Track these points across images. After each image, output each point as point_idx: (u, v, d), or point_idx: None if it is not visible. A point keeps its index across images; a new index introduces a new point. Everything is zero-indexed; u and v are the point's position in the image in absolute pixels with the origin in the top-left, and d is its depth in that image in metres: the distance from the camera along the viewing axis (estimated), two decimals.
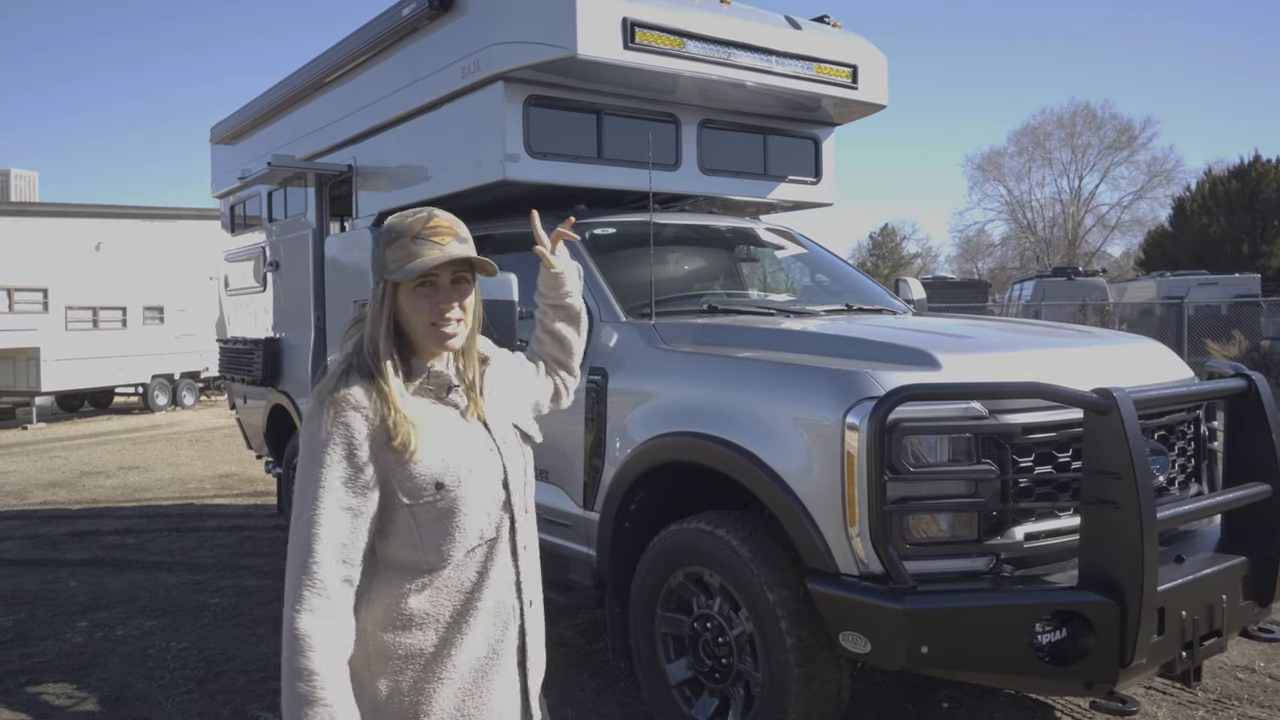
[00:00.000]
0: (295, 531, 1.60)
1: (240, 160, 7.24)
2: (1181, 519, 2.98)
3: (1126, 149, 43.49)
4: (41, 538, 7.52)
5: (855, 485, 2.79)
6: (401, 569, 1.66)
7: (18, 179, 21.71)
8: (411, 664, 1.65)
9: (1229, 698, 3.89)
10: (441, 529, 1.66)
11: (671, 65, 4.26)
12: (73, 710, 4.09)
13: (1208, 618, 2.90)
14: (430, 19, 4.65)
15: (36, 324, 16.46)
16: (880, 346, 3.28)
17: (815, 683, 3.00)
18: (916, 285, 5.06)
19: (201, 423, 16.57)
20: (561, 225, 2.27)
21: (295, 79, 6.29)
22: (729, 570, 3.13)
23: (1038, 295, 22.93)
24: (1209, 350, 16.51)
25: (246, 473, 10.50)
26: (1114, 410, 2.65)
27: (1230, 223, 30.32)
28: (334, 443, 1.59)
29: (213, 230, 9.72)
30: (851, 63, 4.83)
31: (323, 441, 1.59)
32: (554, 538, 3.97)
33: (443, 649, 1.66)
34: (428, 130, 4.92)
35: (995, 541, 2.86)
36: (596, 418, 3.75)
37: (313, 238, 6.15)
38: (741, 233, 5.25)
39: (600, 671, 4.30)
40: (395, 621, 1.65)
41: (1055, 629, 2.71)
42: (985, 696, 3.92)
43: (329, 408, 1.61)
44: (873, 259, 53.27)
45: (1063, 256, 42.08)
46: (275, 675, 4.37)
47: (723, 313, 4.19)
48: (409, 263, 1.67)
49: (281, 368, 6.74)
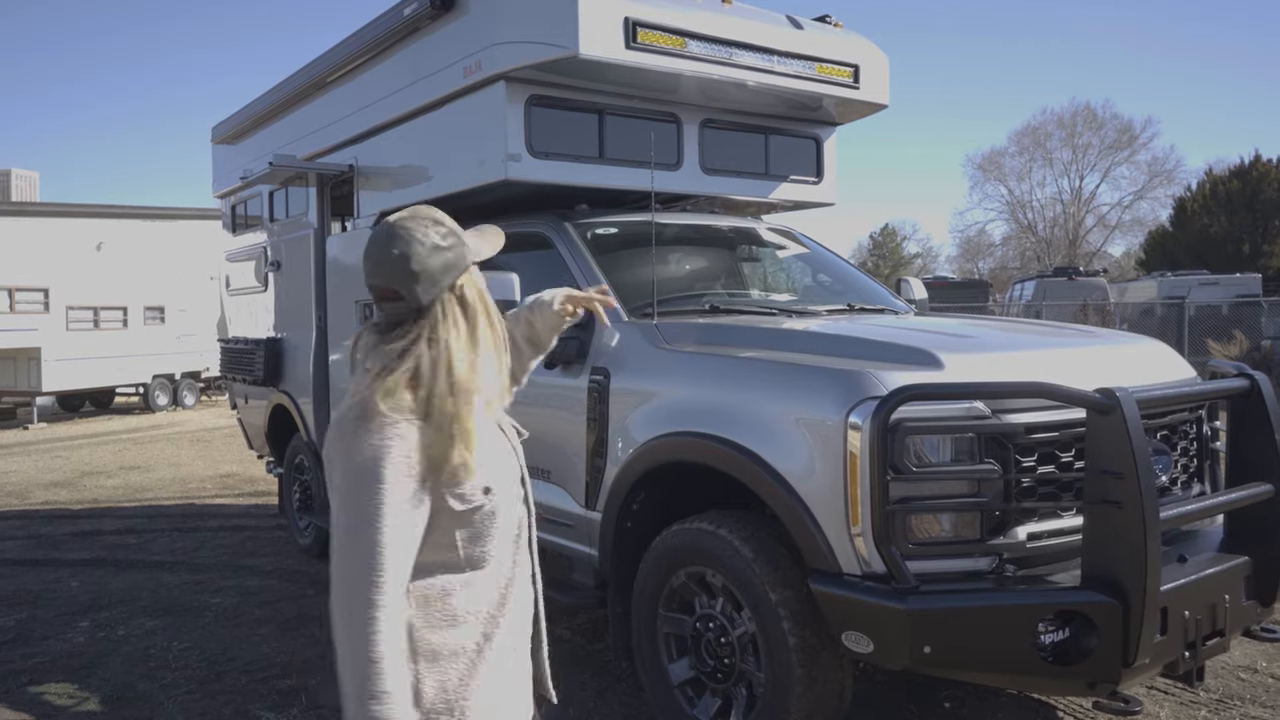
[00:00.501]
0: (355, 552, 1.52)
1: (242, 160, 7.24)
2: (1184, 519, 2.97)
3: (1127, 149, 43.54)
4: (43, 538, 7.53)
5: (858, 485, 2.78)
6: (441, 569, 1.66)
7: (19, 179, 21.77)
8: (457, 661, 1.65)
9: (1231, 698, 3.89)
10: (485, 530, 1.67)
11: (673, 65, 4.26)
12: (74, 710, 4.09)
13: (1210, 618, 2.90)
14: (432, 19, 4.64)
15: (37, 324, 16.47)
16: (883, 346, 3.27)
17: (818, 683, 3.00)
18: (918, 285, 5.05)
19: (202, 423, 16.58)
20: (595, 291, 2.38)
21: (296, 79, 6.29)
22: (731, 570, 3.13)
23: (1038, 295, 22.92)
24: (1210, 350, 16.50)
25: (247, 473, 10.50)
26: (1117, 410, 2.64)
27: (1231, 223, 30.32)
28: (391, 458, 1.54)
29: (214, 230, 9.72)
30: (853, 62, 4.83)
31: (378, 457, 1.53)
32: (556, 538, 3.97)
33: (484, 643, 1.68)
34: (429, 130, 4.92)
35: (998, 541, 2.86)
36: (598, 417, 3.75)
37: (314, 238, 6.16)
38: (743, 232, 5.25)
39: (602, 671, 4.29)
40: (441, 621, 1.65)
41: (1058, 629, 2.71)
42: (988, 696, 3.92)
43: (382, 422, 1.55)
44: (873, 259, 53.27)
45: (1063, 256, 42.08)
46: (277, 675, 4.38)
47: (725, 312, 4.19)
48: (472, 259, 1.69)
49: (283, 368, 6.75)
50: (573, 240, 4.27)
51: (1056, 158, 44.83)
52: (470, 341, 1.65)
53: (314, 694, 4.14)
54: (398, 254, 1.62)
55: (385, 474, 1.53)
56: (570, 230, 4.34)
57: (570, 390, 3.89)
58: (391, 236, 1.64)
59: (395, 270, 1.62)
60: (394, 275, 1.62)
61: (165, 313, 18.60)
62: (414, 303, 1.62)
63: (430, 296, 1.63)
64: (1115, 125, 43.60)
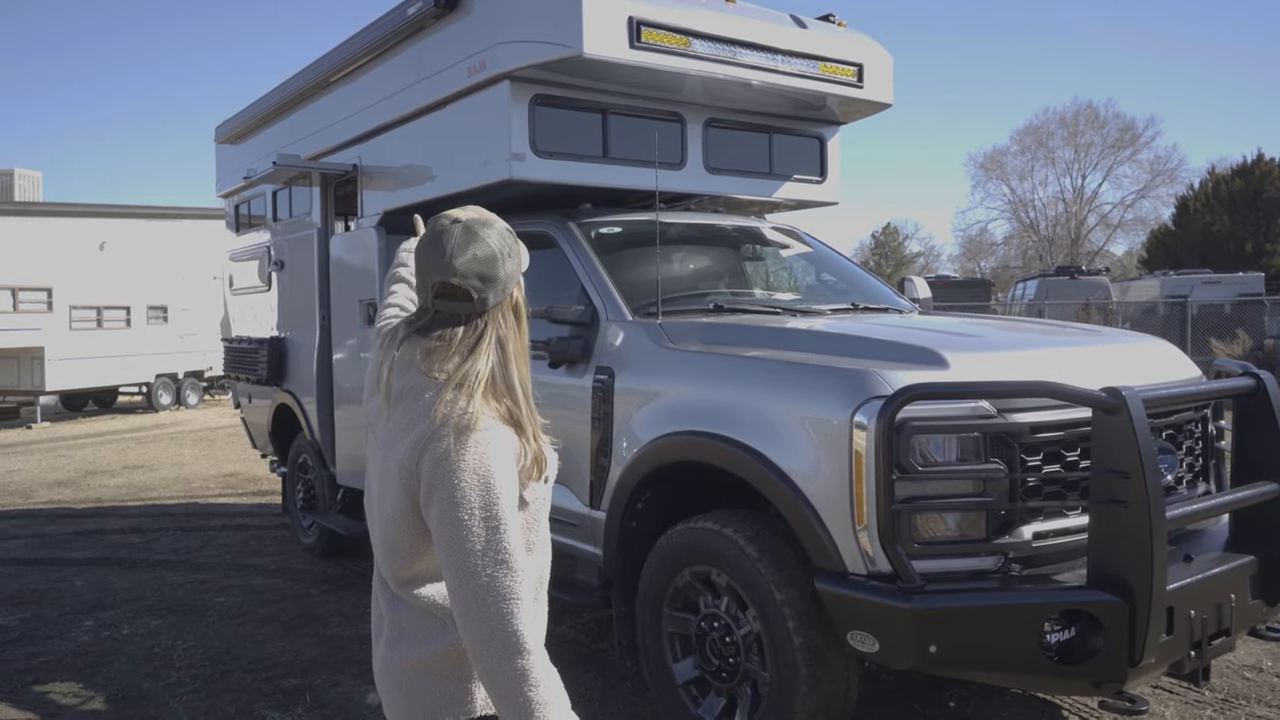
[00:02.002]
0: (492, 559, 1.50)
1: (245, 160, 7.25)
2: (1190, 518, 2.97)
3: (1129, 148, 43.46)
4: (47, 537, 7.54)
5: (863, 484, 2.78)
6: None
7: (22, 179, 21.77)
8: None
9: (1236, 697, 3.89)
10: (538, 517, 1.71)
11: (677, 64, 4.25)
12: (79, 709, 4.09)
13: (1216, 617, 2.90)
14: (436, 18, 4.64)
15: (41, 323, 16.49)
16: (887, 345, 3.27)
17: (823, 682, 3.00)
18: (922, 284, 5.05)
19: (205, 422, 16.60)
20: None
21: (300, 78, 6.29)
22: (736, 570, 3.13)
23: (1041, 294, 22.91)
24: (1213, 349, 16.49)
25: (251, 472, 10.51)
26: (1123, 409, 2.64)
27: (1234, 222, 30.28)
28: (504, 463, 1.56)
29: (217, 230, 9.73)
30: (857, 61, 4.83)
31: (491, 463, 1.54)
32: (560, 537, 3.95)
33: None
34: (433, 130, 4.92)
35: (1003, 541, 2.86)
36: (603, 417, 3.75)
37: (318, 237, 6.16)
38: (747, 232, 5.24)
39: (606, 671, 4.30)
40: None
41: (1064, 628, 2.71)
42: (993, 696, 3.92)
43: (485, 427, 1.55)
44: (875, 258, 53.23)
45: (1066, 255, 42.03)
46: (282, 674, 4.39)
47: (729, 312, 4.19)
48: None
49: (286, 367, 6.75)
50: (577, 240, 4.27)
51: (1059, 157, 44.82)
52: (521, 346, 1.69)
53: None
54: (484, 256, 1.62)
55: (499, 479, 1.54)
56: (574, 230, 4.33)
57: (575, 390, 3.89)
58: (474, 238, 1.63)
59: (480, 272, 1.62)
60: (475, 275, 1.62)
61: (168, 312, 18.61)
62: (481, 307, 1.63)
63: (497, 301, 1.65)
64: (1117, 124, 43.59)
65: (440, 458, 1.53)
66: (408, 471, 1.56)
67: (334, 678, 4.34)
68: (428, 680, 1.64)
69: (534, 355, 3.93)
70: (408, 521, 1.60)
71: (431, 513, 1.54)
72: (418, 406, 1.59)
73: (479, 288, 1.62)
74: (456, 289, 1.62)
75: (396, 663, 1.67)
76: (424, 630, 1.64)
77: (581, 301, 4.03)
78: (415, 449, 1.56)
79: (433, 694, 1.64)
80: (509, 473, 1.56)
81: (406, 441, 1.58)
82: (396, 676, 1.68)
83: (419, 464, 1.55)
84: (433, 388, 1.59)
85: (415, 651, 1.65)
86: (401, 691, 1.67)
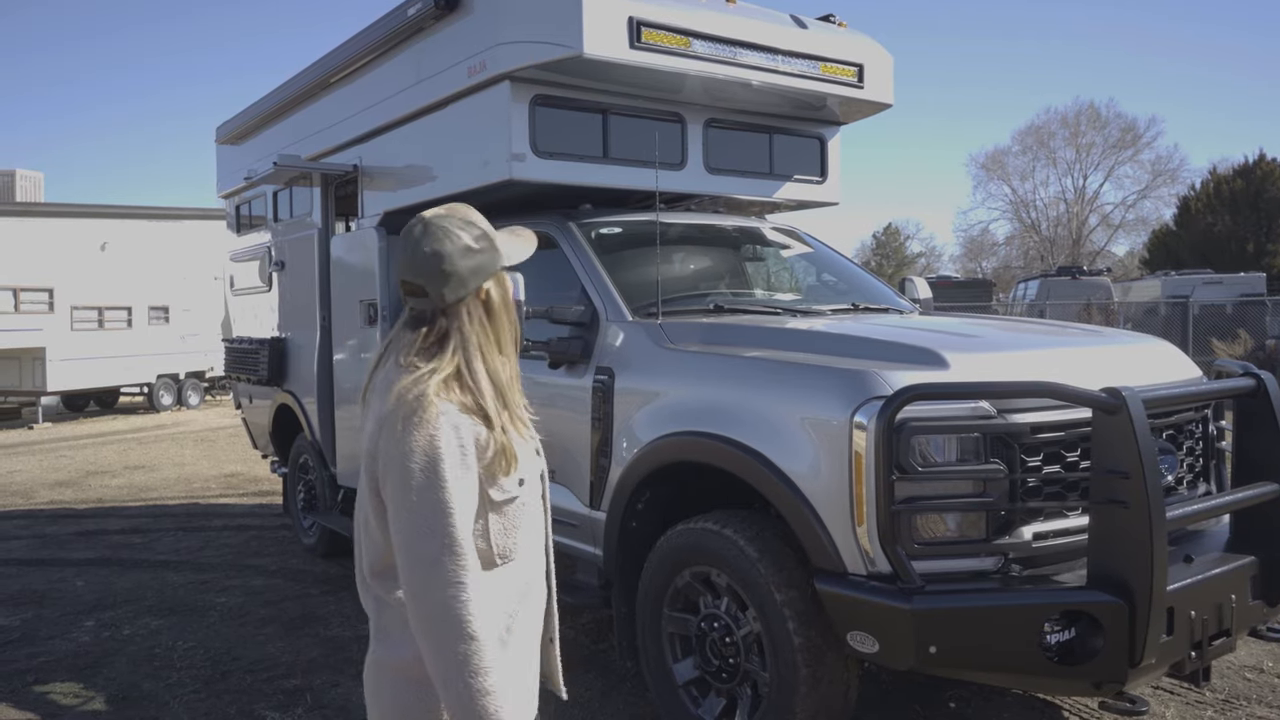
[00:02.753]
0: (431, 541, 1.51)
1: (246, 160, 7.25)
2: (1190, 519, 2.97)
3: (1131, 148, 43.42)
4: (48, 537, 7.54)
5: (863, 485, 2.78)
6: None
7: (23, 179, 21.79)
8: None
9: (1237, 698, 3.88)
10: (516, 522, 1.70)
11: (678, 64, 4.25)
12: (80, 709, 4.10)
13: (1217, 617, 2.90)
14: (436, 19, 4.65)
15: (42, 324, 16.50)
16: (888, 346, 3.27)
17: (823, 683, 3.00)
18: (922, 284, 5.04)
19: (206, 422, 16.61)
20: None
21: (301, 79, 6.30)
22: (736, 570, 3.12)
23: (1042, 294, 22.88)
24: (1214, 349, 16.48)
25: (251, 472, 10.52)
26: (1123, 409, 2.64)
27: (1235, 222, 30.22)
28: (450, 446, 1.56)
29: (218, 230, 9.73)
30: (857, 61, 4.83)
31: (438, 445, 1.54)
32: (560, 537, 3.96)
33: (506, 635, 1.69)
34: (433, 130, 4.92)
35: (1003, 541, 2.86)
36: (603, 417, 3.75)
37: (318, 237, 6.16)
38: (747, 232, 5.24)
39: (606, 671, 4.30)
40: None
41: (1064, 629, 2.71)
42: (993, 696, 3.92)
43: (437, 411, 1.56)
44: (877, 258, 53.20)
45: (1067, 256, 42.00)
46: (282, 674, 4.39)
47: (729, 312, 4.19)
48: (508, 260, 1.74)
49: (287, 367, 6.75)
50: (577, 240, 4.27)
51: (1060, 157, 44.79)
52: (493, 342, 1.70)
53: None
54: (430, 252, 1.65)
55: (447, 461, 1.55)
56: (575, 230, 4.34)
57: (575, 390, 3.89)
58: (426, 234, 1.68)
59: (426, 268, 1.66)
60: (424, 273, 1.66)
61: (169, 313, 18.64)
62: (439, 302, 1.66)
63: (456, 297, 1.66)
64: (1119, 124, 43.55)
65: (393, 440, 1.56)
66: (370, 456, 1.61)
67: (334, 678, 4.34)
68: (401, 686, 1.65)
69: (534, 355, 3.94)
70: (375, 508, 1.63)
71: (385, 494, 1.58)
72: (385, 395, 1.63)
73: (431, 283, 1.66)
74: (412, 285, 1.68)
75: (377, 664, 1.70)
76: (403, 633, 1.64)
77: (582, 302, 4.03)
78: (375, 433, 1.60)
79: (404, 700, 1.64)
80: (460, 458, 1.57)
81: (370, 426, 1.63)
82: (376, 678, 1.70)
83: (377, 446, 1.59)
84: (399, 377, 1.63)
85: (393, 654, 1.66)
86: (379, 694, 1.69)
